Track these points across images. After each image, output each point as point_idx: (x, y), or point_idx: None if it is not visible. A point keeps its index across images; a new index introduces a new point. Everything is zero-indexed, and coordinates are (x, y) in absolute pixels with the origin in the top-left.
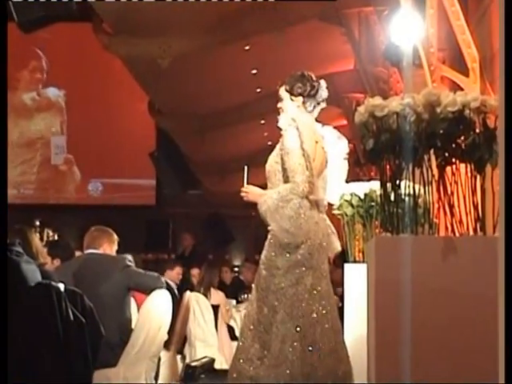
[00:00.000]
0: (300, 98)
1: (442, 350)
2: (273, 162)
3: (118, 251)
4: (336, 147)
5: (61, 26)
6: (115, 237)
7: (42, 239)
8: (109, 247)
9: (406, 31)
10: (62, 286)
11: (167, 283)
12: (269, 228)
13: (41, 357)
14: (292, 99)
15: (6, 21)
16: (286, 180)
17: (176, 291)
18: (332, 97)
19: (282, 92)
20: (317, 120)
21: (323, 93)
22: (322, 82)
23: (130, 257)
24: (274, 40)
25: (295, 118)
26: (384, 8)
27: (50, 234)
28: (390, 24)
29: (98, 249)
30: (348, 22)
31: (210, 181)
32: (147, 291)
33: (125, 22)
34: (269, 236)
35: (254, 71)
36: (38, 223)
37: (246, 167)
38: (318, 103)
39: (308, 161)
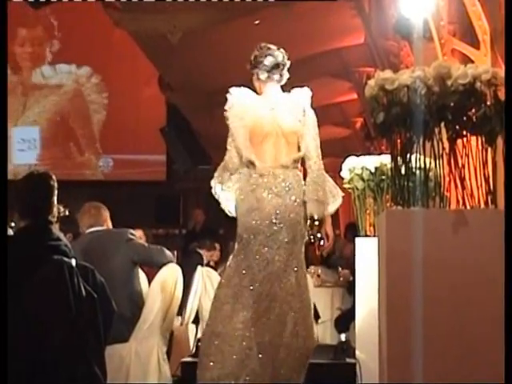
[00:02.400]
0: (254, 71)
1: (453, 321)
2: None
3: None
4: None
5: (69, 3)
6: (106, 209)
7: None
8: (108, 221)
9: (417, 4)
10: (73, 262)
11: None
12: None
13: (53, 333)
14: (252, 73)
15: (6, 20)
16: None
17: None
18: (342, 71)
19: None
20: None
21: (271, 58)
22: (273, 47)
23: (131, 230)
24: (284, 14)
25: (230, 93)
26: None
27: (61, 209)
28: None
29: (102, 225)
30: None
31: (220, 156)
32: (154, 265)
33: None
34: None
35: None
36: None
37: None
38: (271, 69)
39: (232, 138)
